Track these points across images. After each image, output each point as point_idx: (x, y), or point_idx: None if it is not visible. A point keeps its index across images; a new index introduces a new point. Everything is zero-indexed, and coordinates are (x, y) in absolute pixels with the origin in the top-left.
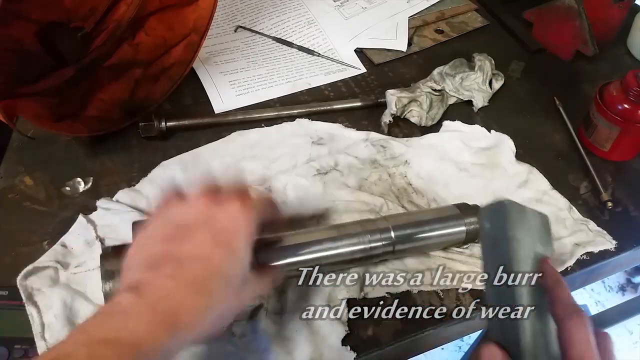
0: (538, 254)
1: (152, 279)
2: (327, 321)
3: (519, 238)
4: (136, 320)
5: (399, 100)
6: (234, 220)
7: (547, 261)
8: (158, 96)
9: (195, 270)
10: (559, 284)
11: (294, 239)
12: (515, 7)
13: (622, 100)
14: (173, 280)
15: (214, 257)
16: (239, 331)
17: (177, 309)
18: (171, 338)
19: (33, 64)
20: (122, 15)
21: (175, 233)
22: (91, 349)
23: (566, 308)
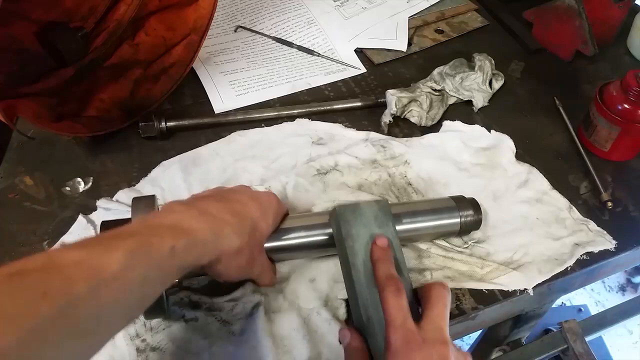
0: (374, 236)
1: (201, 201)
2: (325, 320)
3: (352, 233)
4: (188, 218)
5: (399, 100)
6: (269, 198)
7: (375, 241)
8: (158, 96)
9: (234, 205)
10: (379, 260)
11: (288, 223)
12: (515, 7)
13: (622, 100)
14: (217, 204)
15: (251, 207)
16: (238, 330)
17: (216, 219)
18: (212, 239)
19: (33, 64)
20: (122, 15)
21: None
22: (152, 229)
23: (381, 280)
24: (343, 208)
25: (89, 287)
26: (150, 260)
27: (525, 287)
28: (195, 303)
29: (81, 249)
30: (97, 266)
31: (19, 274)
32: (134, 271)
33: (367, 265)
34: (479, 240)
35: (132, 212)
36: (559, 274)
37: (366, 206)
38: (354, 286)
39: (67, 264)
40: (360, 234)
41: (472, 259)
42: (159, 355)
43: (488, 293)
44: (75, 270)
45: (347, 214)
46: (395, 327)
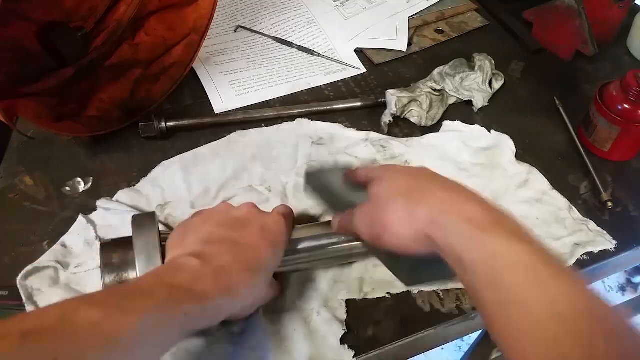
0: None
1: (213, 252)
2: (325, 320)
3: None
4: (203, 280)
5: (399, 100)
6: (277, 223)
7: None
8: (158, 96)
9: (247, 253)
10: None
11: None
12: (515, 7)
13: (622, 100)
14: (230, 256)
15: (262, 248)
16: (238, 330)
17: (232, 280)
18: (227, 302)
19: (33, 64)
20: (122, 15)
21: (230, 222)
22: (169, 289)
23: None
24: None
25: (100, 354)
26: (164, 326)
27: None
28: None
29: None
30: (112, 332)
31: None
32: (147, 337)
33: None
34: None
35: (133, 231)
36: None
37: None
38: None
39: (81, 327)
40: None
41: None
42: None
43: None
44: (88, 336)
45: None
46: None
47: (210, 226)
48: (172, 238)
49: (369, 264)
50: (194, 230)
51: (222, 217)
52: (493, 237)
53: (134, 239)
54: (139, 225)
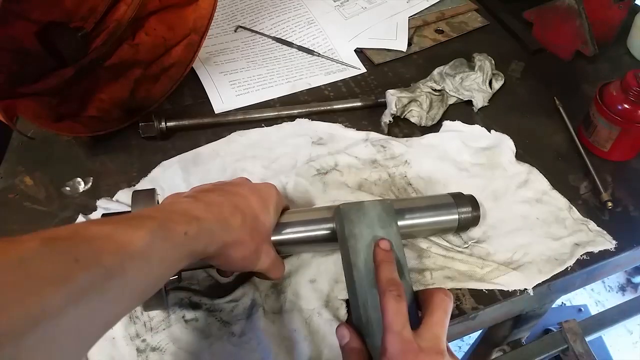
0: (377, 237)
1: (205, 195)
2: (326, 320)
3: (356, 233)
4: (197, 209)
5: (399, 100)
6: (269, 190)
7: (378, 244)
8: (158, 96)
9: (237, 200)
10: (381, 264)
11: (289, 218)
12: (515, 7)
13: (622, 100)
14: (221, 197)
15: (252, 201)
16: (238, 330)
17: (223, 211)
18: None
19: (33, 64)
20: (122, 15)
21: (224, 184)
22: (166, 214)
23: (382, 284)
24: (347, 207)
25: (115, 260)
26: (168, 242)
27: (525, 287)
28: (196, 304)
29: (106, 224)
30: (123, 241)
31: (53, 239)
32: (154, 250)
33: (368, 265)
34: (479, 240)
35: (132, 204)
36: (559, 274)
37: (370, 206)
38: (355, 286)
39: (94, 236)
40: (363, 234)
41: (472, 258)
42: (159, 355)
43: (488, 293)
44: (102, 243)
45: (351, 213)
46: (393, 333)
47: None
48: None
49: None
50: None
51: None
52: None
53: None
54: (138, 199)
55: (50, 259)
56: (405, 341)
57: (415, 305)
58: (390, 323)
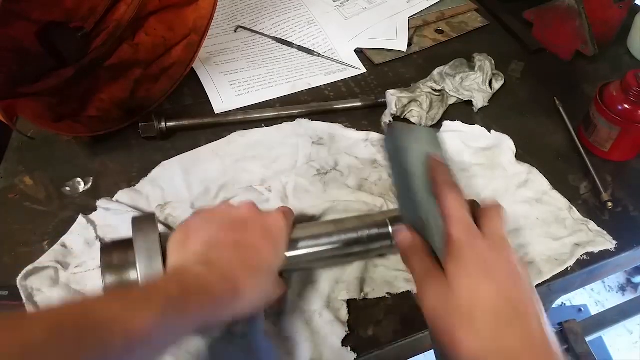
0: (427, 153)
1: (217, 256)
2: (327, 322)
3: (407, 146)
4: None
5: (399, 100)
6: (277, 222)
7: (431, 156)
8: (158, 96)
9: (250, 254)
10: (437, 168)
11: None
12: (515, 7)
13: (622, 100)
14: (234, 259)
15: (264, 248)
16: (239, 331)
17: (238, 281)
18: (234, 302)
19: (33, 64)
20: (122, 15)
21: (232, 224)
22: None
23: (441, 182)
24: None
25: (123, 348)
26: (179, 323)
27: None
28: None
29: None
30: (132, 325)
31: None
32: (162, 332)
33: (425, 175)
34: None
35: (133, 231)
36: (559, 274)
37: (420, 130)
38: (414, 192)
39: (103, 320)
40: (415, 149)
41: None
42: None
43: None
44: (110, 329)
45: (404, 130)
46: (456, 219)
47: (211, 228)
48: (173, 239)
49: (369, 264)
50: (195, 232)
51: (222, 218)
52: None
53: (134, 240)
54: (139, 226)
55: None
56: (470, 226)
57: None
58: (452, 212)
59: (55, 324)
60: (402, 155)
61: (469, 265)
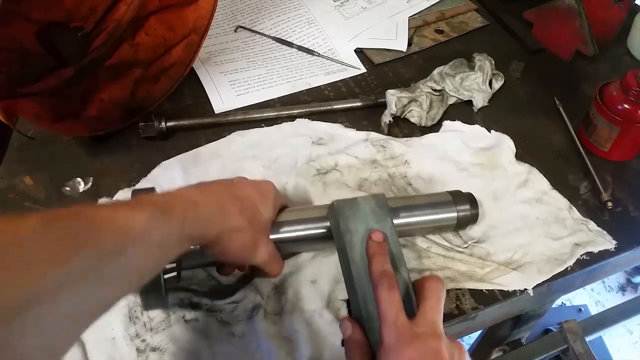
0: (368, 231)
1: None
2: (328, 321)
3: (346, 229)
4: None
5: (399, 100)
6: (267, 184)
7: (371, 236)
8: (158, 96)
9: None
10: (373, 256)
11: (287, 216)
12: (515, 7)
13: (622, 100)
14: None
15: (251, 192)
16: (239, 332)
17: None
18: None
19: (33, 64)
20: (122, 15)
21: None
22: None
23: (375, 276)
24: (341, 203)
25: (115, 241)
26: (167, 225)
27: (525, 287)
28: (196, 304)
29: (107, 207)
30: (123, 223)
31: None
32: (153, 233)
33: (364, 260)
34: (479, 240)
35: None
36: (559, 274)
37: (363, 201)
38: (353, 281)
39: (94, 217)
40: (359, 229)
41: (472, 259)
42: (159, 355)
43: (488, 293)
44: (102, 224)
45: (345, 208)
46: (387, 323)
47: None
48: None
49: None
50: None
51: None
52: None
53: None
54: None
55: (48, 239)
56: (399, 329)
57: (414, 298)
58: (384, 313)
59: (50, 217)
60: (342, 239)
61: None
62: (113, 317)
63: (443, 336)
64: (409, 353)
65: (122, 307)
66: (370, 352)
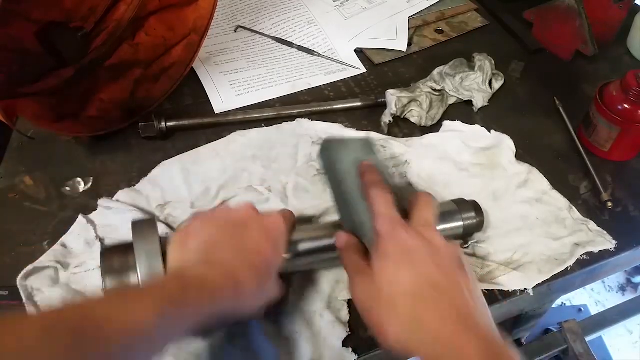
0: (358, 159)
1: (218, 256)
2: (328, 322)
3: (339, 157)
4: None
5: (399, 100)
6: (277, 223)
7: (362, 163)
8: (158, 96)
9: (250, 254)
10: (366, 172)
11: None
12: (515, 7)
13: (622, 100)
14: (234, 259)
15: (263, 248)
16: (239, 332)
17: (239, 280)
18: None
19: (33, 64)
20: (122, 15)
21: (230, 224)
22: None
23: (369, 183)
24: (330, 139)
25: (123, 346)
26: (179, 320)
27: (525, 287)
28: None
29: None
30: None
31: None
32: (163, 329)
33: (356, 180)
34: (479, 240)
35: (134, 236)
36: (559, 274)
37: (351, 141)
38: (346, 198)
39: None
40: (350, 158)
41: (472, 259)
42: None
43: (488, 293)
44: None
45: (334, 143)
46: (382, 216)
47: (211, 229)
48: (173, 242)
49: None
50: (195, 234)
51: (222, 220)
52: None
53: (134, 244)
54: (139, 229)
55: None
56: (394, 219)
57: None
58: (379, 209)
59: (51, 325)
60: (334, 166)
61: (390, 256)
62: None
63: (435, 228)
64: (404, 236)
65: None
66: (365, 252)
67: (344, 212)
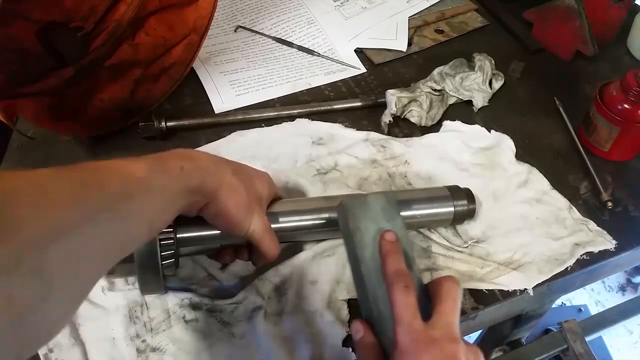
0: (382, 230)
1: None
2: (328, 322)
3: (357, 227)
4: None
5: (399, 100)
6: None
7: (384, 235)
8: (158, 96)
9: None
10: (387, 255)
11: (285, 206)
12: (515, 7)
13: (622, 100)
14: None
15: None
16: (239, 332)
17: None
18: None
19: (33, 64)
20: (122, 15)
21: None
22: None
23: (390, 276)
24: (350, 201)
25: (120, 185)
26: (166, 174)
27: (525, 287)
28: (196, 304)
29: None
30: (125, 171)
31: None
32: (154, 179)
33: (376, 259)
34: (479, 240)
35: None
36: (559, 274)
37: (373, 199)
38: (364, 281)
39: (97, 167)
40: (369, 228)
41: (472, 259)
42: (159, 356)
43: (488, 293)
44: (106, 172)
45: (354, 207)
46: (403, 326)
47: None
48: None
49: None
50: None
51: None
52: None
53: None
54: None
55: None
56: (416, 332)
57: (426, 297)
58: (400, 315)
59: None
60: (353, 237)
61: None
62: (113, 317)
63: (460, 340)
64: (425, 358)
65: (122, 307)
66: (382, 354)
67: (362, 296)
